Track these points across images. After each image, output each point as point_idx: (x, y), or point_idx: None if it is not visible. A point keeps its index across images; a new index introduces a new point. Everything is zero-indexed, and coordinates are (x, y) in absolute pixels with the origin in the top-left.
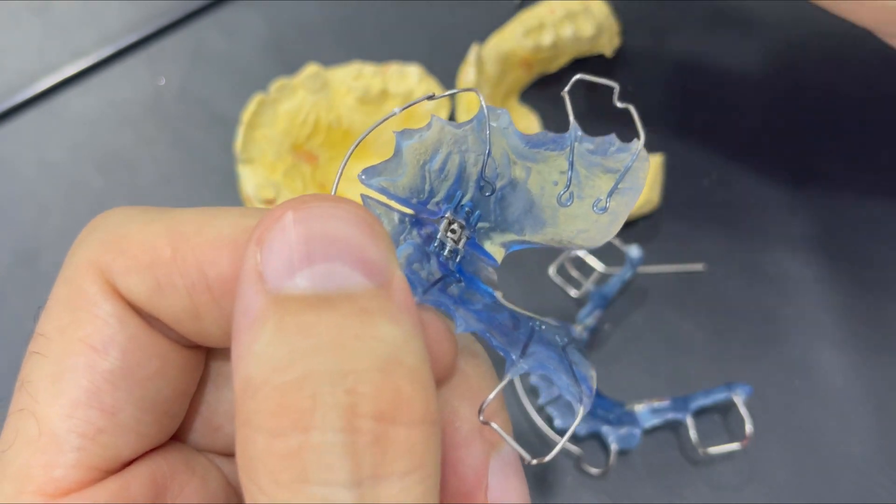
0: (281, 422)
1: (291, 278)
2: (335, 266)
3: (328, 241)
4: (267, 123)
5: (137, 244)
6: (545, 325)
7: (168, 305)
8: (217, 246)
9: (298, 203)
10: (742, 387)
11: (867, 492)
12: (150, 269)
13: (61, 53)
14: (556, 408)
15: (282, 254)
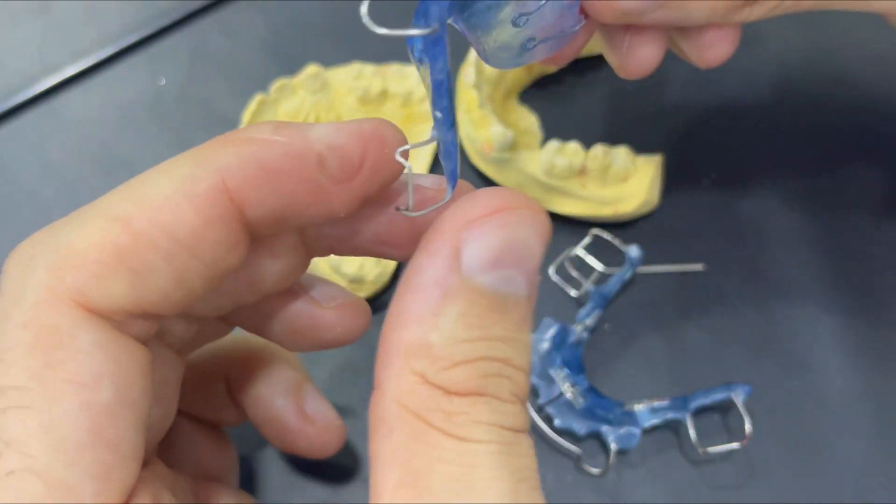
0: (456, 386)
1: (484, 273)
2: (515, 273)
3: (518, 251)
4: None
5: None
6: None
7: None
8: (172, 204)
9: (504, 202)
10: (741, 386)
11: (867, 491)
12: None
13: (62, 54)
14: (554, 407)
15: (483, 249)
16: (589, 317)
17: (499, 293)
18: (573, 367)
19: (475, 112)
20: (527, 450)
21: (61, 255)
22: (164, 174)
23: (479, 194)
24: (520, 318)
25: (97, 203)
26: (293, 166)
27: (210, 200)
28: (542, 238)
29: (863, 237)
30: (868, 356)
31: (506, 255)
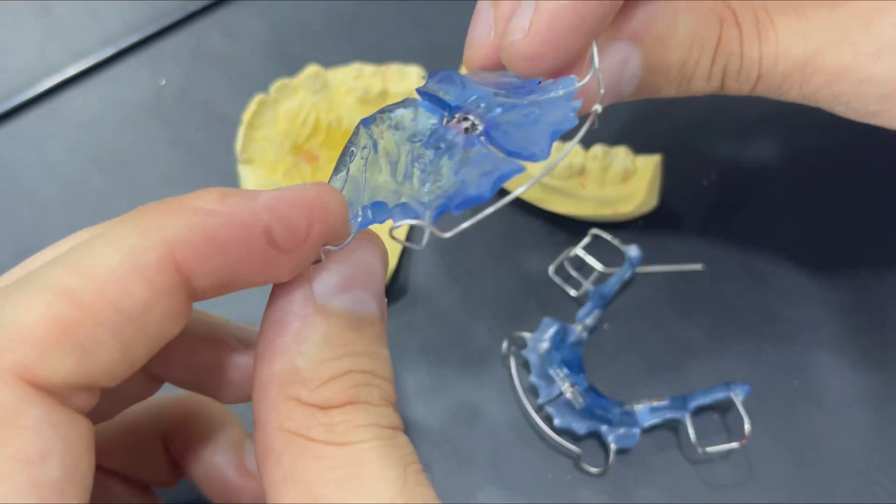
0: (330, 401)
1: (336, 297)
2: (364, 294)
3: (363, 272)
4: (267, 124)
5: (36, 323)
6: None
7: (100, 362)
8: (119, 278)
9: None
10: (741, 386)
11: (865, 491)
12: (67, 339)
13: (62, 54)
14: (554, 407)
15: (330, 278)
16: (588, 316)
17: (353, 313)
18: (573, 366)
19: None
20: (405, 442)
21: (6, 331)
22: (110, 244)
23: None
24: (376, 335)
25: (41, 273)
26: (240, 237)
27: (158, 273)
28: (382, 261)
29: (862, 237)
30: (867, 356)
31: (353, 279)
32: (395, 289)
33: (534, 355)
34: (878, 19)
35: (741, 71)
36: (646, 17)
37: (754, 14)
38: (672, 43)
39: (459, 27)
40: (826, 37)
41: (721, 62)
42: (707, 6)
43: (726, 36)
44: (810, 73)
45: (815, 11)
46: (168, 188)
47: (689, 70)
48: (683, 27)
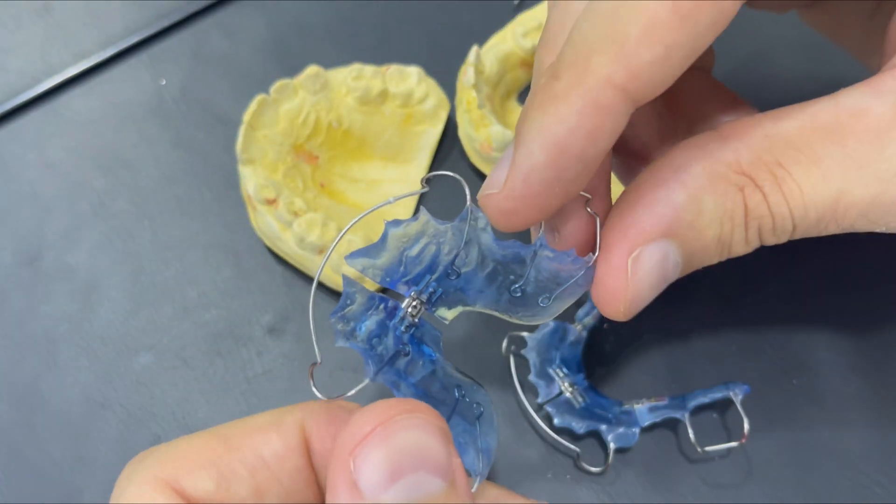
0: None
1: (385, 491)
2: (420, 475)
3: (413, 454)
4: (268, 124)
5: (193, 451)
6: (468, 391)
7: (234, 493)
8: (263, 430)
9: (384, 415)
10: (740, 386)
11: (864, 490)
12: (212, 465)
13: (63, 54)
14: (554, 406)
15: (375, 467)
16: (588, 316)
17: (411, 502)
18: (572, 366)
19: (474, 112)
20: None
21: (166, 453)
22: (263, 414)
23: (358, 416)
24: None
25: (208, 429)
26: None
27: (291, 431)
28: (434, 432)
29: (861, 237)
30: (865, 356)
31: (401, 464)
32: None
33: (533, 355)
34: (888, 141)
35: (775, 228)
36: (670, 211)
37: (770, 172)
38: (703, 226)
39: (459, 27)
40: (846, 173)
41: (754, 226)
42: (724, 178)
43: (752, 202)
44: (843, 210)
45: (826, 150)
46: (168, 188)
47: (726, 241)
48: (709, 208)
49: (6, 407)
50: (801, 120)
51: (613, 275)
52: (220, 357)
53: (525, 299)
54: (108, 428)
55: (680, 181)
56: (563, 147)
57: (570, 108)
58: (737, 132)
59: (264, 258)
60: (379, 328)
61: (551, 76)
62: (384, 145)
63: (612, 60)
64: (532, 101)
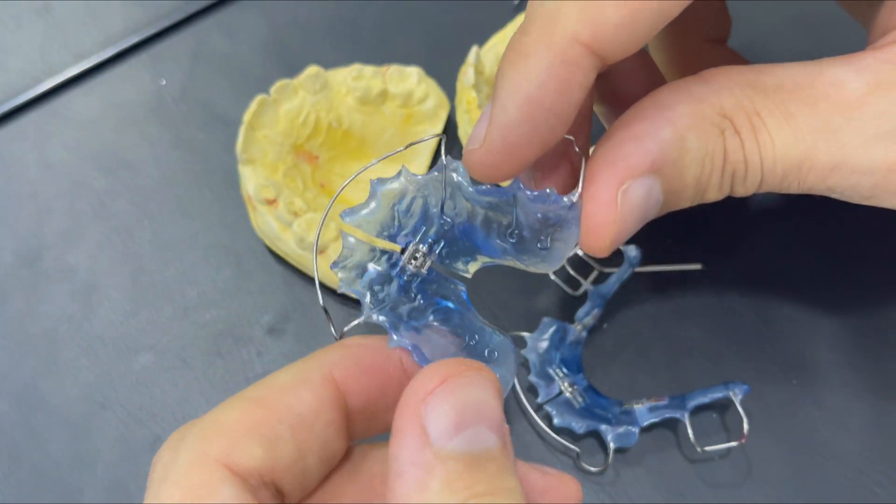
0: None
1: (450, 439)
2: (480, 429)
3: (476, 408)
4: (268, 124)
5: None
6: (482, 339)
7: (281, 457)
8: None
9: (452, 370)
10: (739, 385)
11: (864, 490)
12: (256, 432)
13: (63, 54)
14: (553, 406)
15: (442, 417)
16: (588, 316)
17: (471, 453)
18: (572, 366)
19: (474, 112)
20: None
21: (207, 428)
22: (285, 371)
23: (427, 370)
24: (498, 469)
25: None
26: (380, 362)
27: (322, 385)
28: (493, 391)
29: (861, 236)
30: (865, 355)
31: (465, 417)
32: None
33: (533, 355)
34: (858, 111)
35: (747, 177)
36: (657, 146)
37: (749, 120)
38: (686, 164)
39: (459, 27)
40: (815, 135)
41: (729, 171)
42: (707, 119)
43: (731, 146)
44: (806, 171)
45: (800, 110)
46: (168, 188)
47: (703, 184)
48: (693, 147)
49: (6, 407)
50: (782, 77)
51: (601, 209)
52: (220, 357)
53: (525, 244)
54: (108, 428)
55: (666, 118)
56: (534, 102)
57: (538, 64)
58: (721, 78)
59: (264, 258)
60: (381, 277)
61: (520, 31)
62: (384, 145)
63: (578, 19)
64: (505, 56)
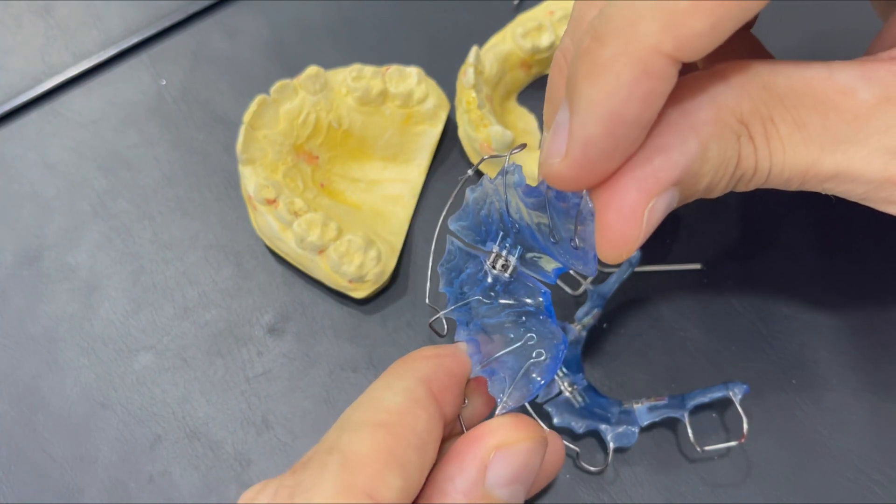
0: None
1: (501, 488)
2: (520, 489)
3: (529, 471)
4: (268, 124)
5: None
6: (540, 341)
7: (413, 481)
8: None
9: (529, 431)
10: (739, 385)
11: (863, 489)
12: (393, 460)
13: (64, 55)
14: (553, 406)
15: (504, 471)
16: (588, 316)
17: (509, 502)
18: (571, 365)
19: (474, 112)
20: None
21: (349, 459)
22: (389, 390)
23: (506, 422)
24: None
25: (352, 417)
26: (463, 370)
27: (429, 402)
28: (539, 461)
29: (861, 236)
30: (864, 355)
31: (520, 477)
32: (395, 289)
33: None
34: (866, 123)
35: (752, 180)
36: (684, 160)
37: (763, 126)
38: (703, 174)
39: (459, 27)
40: (822, 145)
41: (737, 175)
42: (728, 125)
43: (744, 152)
44: (810, 176)
45: (811, 117)
46: (169, 188)
47: (712, 188)
48: (712, 156)
49: (7, 406)
50: (795, 80)
51: (627, 223)
52: (220, 357)
53: (563, 246)
54: (108, 427)
55: (691, 126)
56: (617, 118)
57: (619, 79)
58: (738, 77)
59: (264, 258)
60: (470, 279)
61: (595, 40)
62: (384, 145)
63: (660, 29)
64: (580, 67)
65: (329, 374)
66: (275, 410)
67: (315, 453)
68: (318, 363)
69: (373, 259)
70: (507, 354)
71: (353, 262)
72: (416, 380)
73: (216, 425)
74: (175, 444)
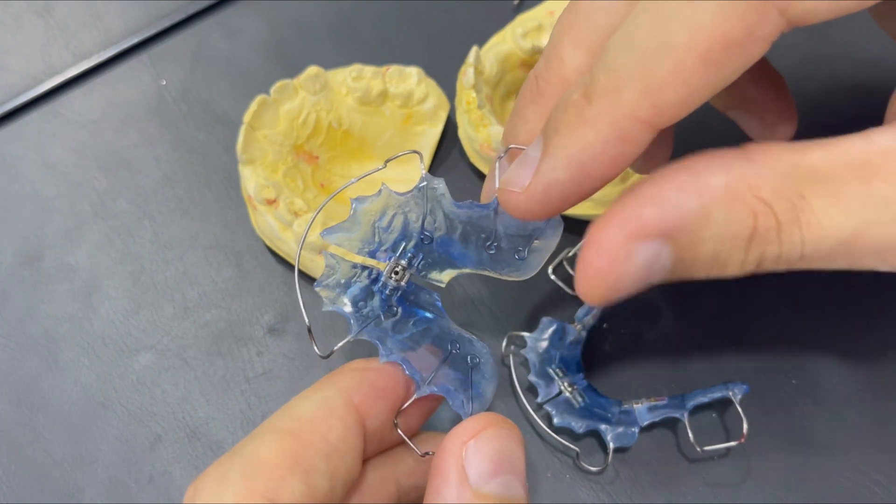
0: None
1: (488, 483)
2: (510, 478)
3: (509, 458)
4: (268, 124)
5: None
6: (463, 346)
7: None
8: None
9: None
10: (739, 385)
11: (863, 489)
12: (297, 466)
13: (64, 55)
14: (553, 406)
15: (481, 463)
16: (587, 316)
17: (505, 497)
18: (571, 365)
19: (474, 113)
20: None
21: (250, 465)
22: (307, 400)
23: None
24: None
25: (263, 425)
26: (391, 384)
27: (347, 413)
28: (521, 446)
29: None
30: (865, 355)
31: (500, 464)
32: None
33: (533, 354)
34: None
35: (781, 255)
36: (677, 213)
37: (790, 202)
38: (704, 239)
39: (459, 27)
40: (867, 214)
41: (757, 251)
42: (741, 199)
43: (762, 227)
44: (857, 247)
45: (850, 186)
46: (169, 188)
47: (722, 260)
48: (716, 223)
49: (7, 407)
50: (830, 152)
51: (602, 257)
52: (220, 357)
53: (502, 255)
54: (108, 428)
55: (696, 187)
56: (585, 170)
57: (596, 137)
58: (763, 156)
59: (264, 258)
60: (363, 293)
61: (584, 98)
62: (384, 145)
63: (640, 97)
64: (564, 116)
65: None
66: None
67: (221, 459)
68: (318, 363)
69: None
70: (445, 366)
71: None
72: (337, 390)
73: (216, 425)
74: (175, 444)
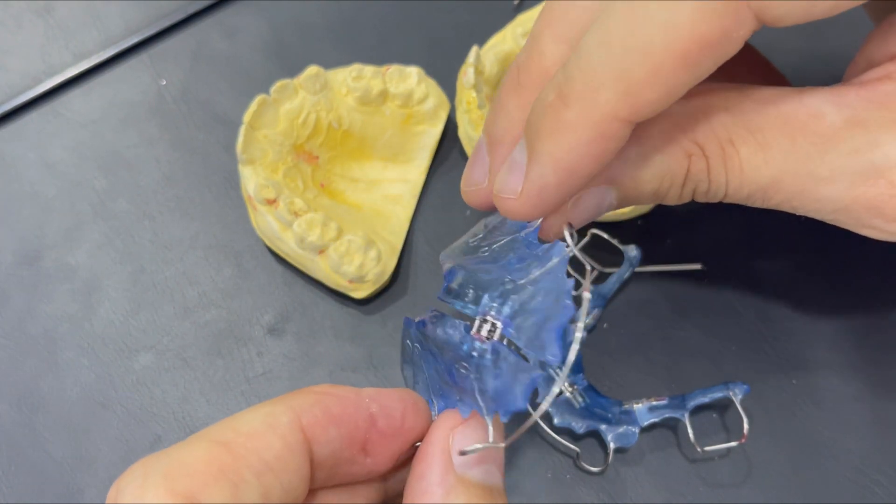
0: None
1: (471, 469)
2: (491, 467)
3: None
4: (268, 124)
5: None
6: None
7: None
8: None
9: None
10: (739, 385)
11: (864, 490)
12: (223, 476)
13: (64, 55)
14: (553, 406)
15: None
16: (588, 316)
17: (486, 484)
18: (572, 365)
19: (474, 113)
20: None
21: (174, 466)
22: (252, 413)
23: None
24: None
25: (199, 433)
26: (350, 413)
27: (290, 431)
28: (502, 437)
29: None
30: (865, 355)
31: (484, 452)
32: (395, 289)
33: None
34: (832, 145)
35: (709, 192)
36: (619, 162)
37: (720, 147)
38: (644, 180)
39: (459, 27)
40: (786, 165)
41: (690, 186)
42: (676, 142)
43: (695, 167)
44: (772, 193)
45: (776, 139)
46: (169, 188)
47: (661, 194)
48: (654, 166)
49: (7, 407)
50: (764, 104)
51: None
52: (220, 357)
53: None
54: (108, 428)
55: (636, 135)
56: (572, 171)
57: (578, 140)
58: (701, 101)
59: (264, 258)
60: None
61: (559, 99)
62: (384, 145)
63: (618, 99)
64: (543, 123)
65: (329, 374)
66: None
67: (146, 458)
68: (318, 363)
69: (373, 259)
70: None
71: (354, 263)
72: (285, 408)
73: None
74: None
